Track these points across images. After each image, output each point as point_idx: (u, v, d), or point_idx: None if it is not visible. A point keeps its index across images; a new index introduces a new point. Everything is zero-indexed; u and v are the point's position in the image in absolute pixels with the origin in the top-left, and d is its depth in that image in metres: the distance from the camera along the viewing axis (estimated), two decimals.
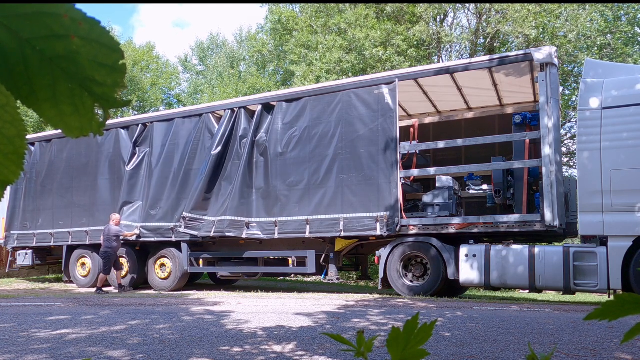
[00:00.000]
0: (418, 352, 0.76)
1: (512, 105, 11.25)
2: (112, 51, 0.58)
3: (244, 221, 10.17)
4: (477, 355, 3.75)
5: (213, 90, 30.18)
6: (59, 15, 0.55)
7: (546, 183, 8.23)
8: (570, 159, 19.35)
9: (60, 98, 0.58)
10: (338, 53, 18.78)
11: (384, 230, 9.04)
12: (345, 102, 9.68)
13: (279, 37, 24.49)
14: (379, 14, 20.08)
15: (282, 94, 10.74)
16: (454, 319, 5.61)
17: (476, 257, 8.48)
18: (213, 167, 10.52)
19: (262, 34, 31.76)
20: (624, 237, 7.55)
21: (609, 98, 7.81)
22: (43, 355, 3.82)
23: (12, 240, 13.20)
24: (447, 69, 9.53)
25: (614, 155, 7.67)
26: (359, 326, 5.21)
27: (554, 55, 8.41)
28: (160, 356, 3.75)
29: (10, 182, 0.61)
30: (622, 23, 18.39)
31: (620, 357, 3.78)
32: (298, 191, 9.86)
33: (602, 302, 0.75)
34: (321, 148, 9.78)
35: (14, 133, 0.59)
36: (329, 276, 9.88)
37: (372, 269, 14.56)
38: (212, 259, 11.08)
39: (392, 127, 9.22)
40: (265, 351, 3.88)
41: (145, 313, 6.36)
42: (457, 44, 20.78)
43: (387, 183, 9.16)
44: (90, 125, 0.60)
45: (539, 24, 17.44)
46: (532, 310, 6.79)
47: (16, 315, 6.27)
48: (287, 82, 25.61)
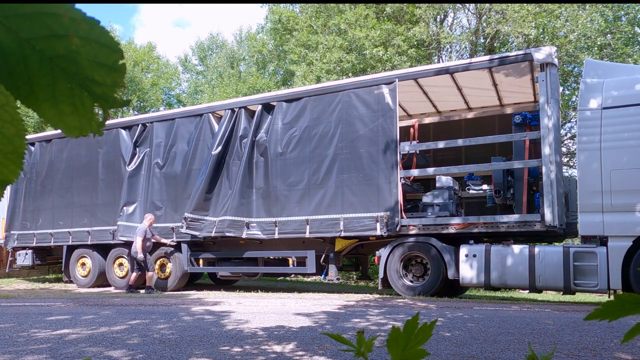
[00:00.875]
0: (418, 352, 0.76)
1: (512, 105, 11.25)
2: (112, 51, 0.58)
3: (244, 221, 10.17)
4: (477, 355, 3.75)
5: (213, 90, 30.17)
6: (58, 15, 0.55)
7: (546, 183, 8.23)
8: (570, 159, 19.35)
9: (60, 98, 0.58)
10: (338, 53, 18.78)
11: (384, 230, 9.04)
12: (345, 102, 9.68)
13: (279, 37, 24.49)
14: (379, 14, 20.08)
15: (282, 94, 10.73)
16: (454, 319, 5.60)
17: (476, 257, 8.48)
18: (214, 167, 10.51)
19: (262, 34, 31.76)
20: (624, 237, 7.55)
21: (609, 98, 7.81)
22: (43, 355, 3.82)
23: (12, 240, 13.20)
24: (447, 69, 9.53)
25: (614, 155, 7.67)
26: (359, 326, 5.21)
27: (554, 55, 8.41)
28: (160, 356, 3.75)
29: (10, 182, 0.61)
30: (622, 23, 18.39)
31: (620, 357, 3.78)
32: (298, 191, 9.86)
33: (602, 302, 0.75)
34: (321, 148, 9.78)
35: (13, 132, 0.59)
36: (329, 276, 9.88)
37: (372, 269, 14.56)
38: (212, 259, 11.08)
39: (392, 127, 9.22)
40: (265, 351, 3.88)
41: (145, 313, 6.36)
42: (457, 44, 20.79)
43: (387, 183, 9.16)
44: (90, 125, 0.60)
45: (538, 24, 17.44)
46: (532, 310, 6.78)
47: (16, 315, 6.27)
48: (287, 82, 25.61)
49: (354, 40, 18.74)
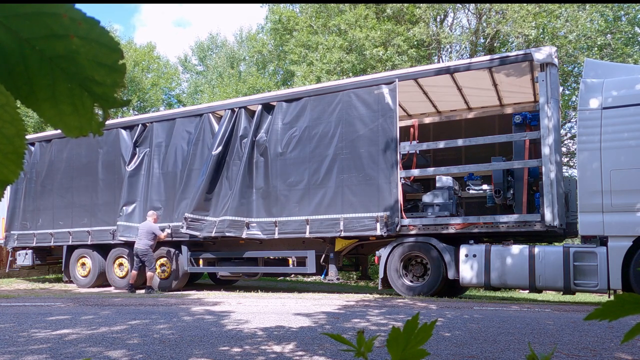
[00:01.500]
0: (418, 352, 0.76)
1: (512, 105, 11.25)
2: (112, 51, 0.58)
3: (244, 221, 10.17)
4: (477, 355, 3.75)
5: (213, 91, 30.17)
6: (58, 15, 0.55)
7: (546, 183, 8.23)
8: (570, 159, 19.35)
9: (60, 98, 0.58)
10: (338, 53, 18.78)
11: (383, 230, 9.04)
12: (345, 102, 9.68)
13: (279, 37, 24.49)
14: (379, 14, 20.08)
15: (282, 94, 10.73)
16: (454, 319, 5.60)
17: (476, 257, 8.49)
18: (214, 168, 10.51)
19: (262, 34, 31.76)
20: (624, 237, 7.55)
21: (609, 98, 7.81)
22: (43, 355, 3.82)
23: (12, 240, 13.20)
24: (447, 69, 9.53)
25: (614, 155, 7.66)
26: (359, 326, 5.21)
27: (554, 55, 8.41)
28: (160, 356, 3.75)
29: (10, 182, 0.61)
30: (622, 23, 18.38)
31: (620, 357, 3.78)
32: (298, 191, 9.86)
33: (602, 302, 0.75)
34: (321, 148, 9.78)
35: (13, 132, 0.59)
36: (329, 276, 9.88)
37: (372, 269, 14.56)
38: (212, 259, 11.08)
39: (392, 127, 9.22)
40: (265, 351, 3.88)
41: (145, 313, 6.36)
42: (457, 44, 20.78)
43: (387, 183, 9.16)
44: (90, 125, 0.60)
45: (538, 24, 17.44)
46: (532, 310, 6.78)
47: (16, 315, 6.27)
48: (288, 82, 25.61)
49: (354, 40, 18.74)
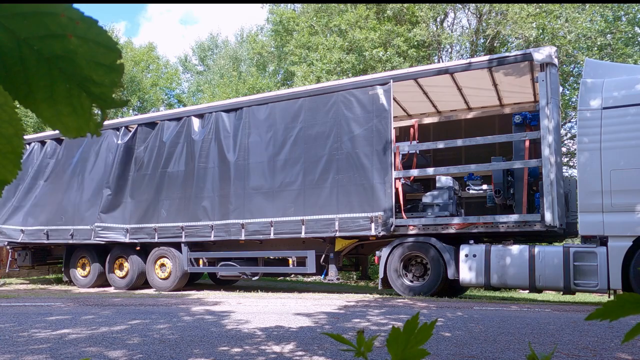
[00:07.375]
0: (418, 352, 0.76)
1: (512, 105, 11.25)
2: (110, 51, 0.57)
3: (240, 223, 10.20)
4: (477, 355, 3.75)
5: (213, 91, 30.16)
6: (56, 15, 0.55)
7: (546, 183, 8.22)
8: (570, 159, 19.34)
9: (58, 98, 0.58)
10: (338, 54, 18.78)
11: (378, 230, 9.04)
12: (340, 102, 9.70)
13: (280, 38, 24.49)
14: (379, 14, 20.08)
15: (278, 94, 10.75)
16: (454, 319, 5.60)
17: (476, 257, 8.48)
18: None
19: (261, 36, 31.74)
20: (624, 237, 7.55)
21: (609, 98, 7.81)
22: (43, 355, 3.82)
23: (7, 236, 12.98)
24: (447, 69, 9.53)
25: (614, 155, 7.66)
26: (359, 326, 5.21)
27: (553, 55, 8.41)
28: (160, 356, 3.74)
29: (8, 182, 0.60)
30: (622, 23, 18.38)
31: (620, 357, 3.78)
32: (293, 191, 9.87)
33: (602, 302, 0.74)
34: (316, 148, 9.79)
35: (11, 132, 0.59)
36: (329, 276, 9.88)
37: (372, 269, 14.56)
38: (212, 259, 11.09)
39: (387, 127, 9.22)
40: (264, 351, 3.88)
41: (145, 313, 6.36)
42: (457, 45, 20.78)
43: (381, 183, 9.16)
44: (88, 125, 0.60)
45: (539, 25, 17.43)
46: (532, 310, 6.78)
47: (16, 315, 6.27)
48: (288, 82, 25.60)
49: (354, 41, 18.74)
